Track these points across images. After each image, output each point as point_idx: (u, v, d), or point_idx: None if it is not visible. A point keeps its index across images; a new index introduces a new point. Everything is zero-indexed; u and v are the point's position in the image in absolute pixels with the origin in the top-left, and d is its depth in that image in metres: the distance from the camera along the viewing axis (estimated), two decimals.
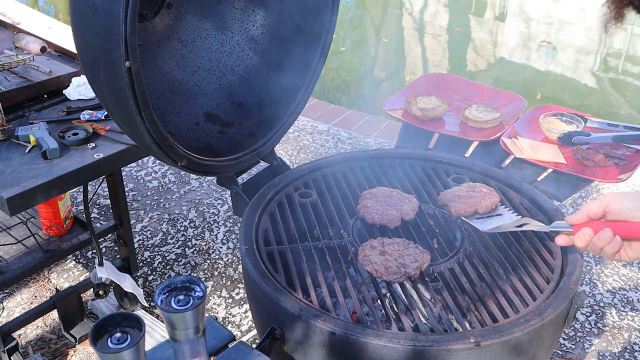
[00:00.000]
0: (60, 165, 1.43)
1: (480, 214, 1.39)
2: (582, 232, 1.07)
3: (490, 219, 1.38)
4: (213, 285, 2.31)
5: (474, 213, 1.39)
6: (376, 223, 1.40)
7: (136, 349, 0.84)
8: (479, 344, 1.08)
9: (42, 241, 1.88)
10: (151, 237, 2.55)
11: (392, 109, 1.93)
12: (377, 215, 1.41)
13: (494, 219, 1.38)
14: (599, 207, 1.06)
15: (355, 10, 7.16)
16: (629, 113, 4.54)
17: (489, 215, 1.39)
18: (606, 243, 1.03)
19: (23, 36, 1.89)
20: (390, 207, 1.43)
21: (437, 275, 1.30)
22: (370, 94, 4.93)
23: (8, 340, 1.78)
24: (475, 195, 1.43)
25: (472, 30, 6.39)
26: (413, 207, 1.45)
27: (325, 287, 1.26)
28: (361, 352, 1.11)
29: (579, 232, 1.08)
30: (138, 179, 2.94)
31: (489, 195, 1.44)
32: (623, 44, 6.01)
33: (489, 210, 1.40)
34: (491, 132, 1.79)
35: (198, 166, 1.37)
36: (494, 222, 1.36)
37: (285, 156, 3.13)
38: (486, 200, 1.42)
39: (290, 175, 1.60)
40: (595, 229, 1.06)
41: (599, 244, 1.04)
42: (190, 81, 1.57)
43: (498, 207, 1.43)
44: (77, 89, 1.73)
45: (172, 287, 0.95)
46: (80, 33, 1.11)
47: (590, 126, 1.78)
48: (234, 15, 1.60)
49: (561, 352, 2.05)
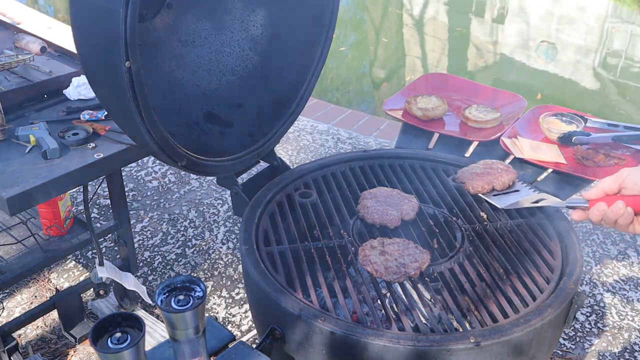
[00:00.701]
0: (60, 165, 1.43)
1: (497, 191, 1.38)
2: (596, 207, 1.09)
3: (507, 195, 1.37)
4: (213, 285, 2.31)
5: (491, 190, 1.38)
6: (376, 223, 1.40)
7: (136, 349, 0.84)
8: (479, 344, 1.08)
9: (42, 241, 1.88)
10: (151, 237, 2.55)
11: (392, 109, 1.93)
12: (377, 215, 1.41)
13: (511, 195, 1.37)
14: (615, 182, 1.08)
15: (355, 10, 7.16)
16: (629, 113, 4.54)
17: (506, 192, 1.39)
18: (619, 215, 1.06)
19: (23, 36, 1.89)
20: (390, 207, 1.43)
21: (437, 275, 1.30)
22: (370, 94, 4.93)
23: (8, 340, 1.78)
24: (493, 172, 1.42)
25: (472, 30, 6.39)
26: (413, 207, 1.45)
27: (325, 287, 1.26)
28: (361, 352, 1.11)
29: (593, 206, 1.10)
30: (138, 179, 2.94)
31: (506, 172, 1.43)
32: (623, 44, 6.01)
33: (506, 187, 1.40)
34: (491, 132, 1.79)
35: (198, 166, 1.37)
36: (511, 199, 1.34)
37: (285, 156, 3.13)
38: (503, 176, 1.41)
39: (290, 175, 1.60)
40: (610, 203, 1.08)
41: (612, 217, 1.07)
42: (190, 81, 1.57)
43: (515, 184, 1.42)
44: (77, 89, 1.73)
45: (172, 287, 0.95)
46: (80, 33, 1.11)
47: (590, 126, 1.78)
48: (234, 15, 1.60)
49: (561, 352, 2.05)
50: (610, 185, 1.09)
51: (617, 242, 2.58)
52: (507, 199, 1.36)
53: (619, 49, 5.86)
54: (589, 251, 2.52)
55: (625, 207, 1.05)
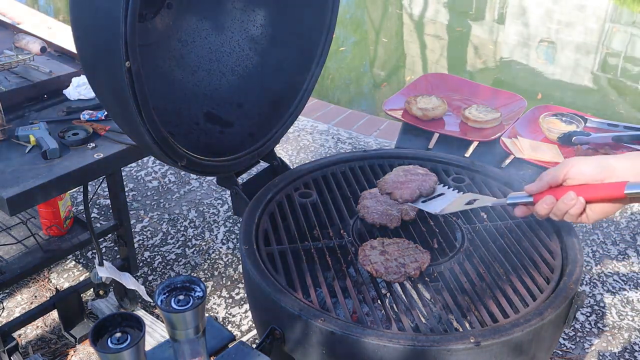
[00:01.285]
0: (60, 165, 1.43)
1: (424, 197, 1.35)
2: (544, 201, 1.09)
3: (435, 200, 1.33)
4: (213, 285, 2.31)
5: (419, 196, 1.34)
6: (376, 223, 1.40)
7: (136, 349, 0.84)
8: (479, 344, 1.08)
9: (42, 241, 1.88)
10: (151, 237, 2.55)
11: (392, 109, 1.93)
12: (377, 215, 1.41)
13: (439, 199, 1.33)
14: (560, 173, 1.07)
15: (356, 10, 7.16)
16: (629, 113, 4.54)
17: (432, 197, 1.35)
18: (571, 206, 1.05)
19: (23, 36, 1.89)
20: (390, 207, 1.43)
21: (437, 275, 1.30)
22: (370, 94, 4.93)
23: (8, 340, 1.78)
24: (415, 178, 1.39)
25: (472, 30, 6.39)
26: (412, 206, 1.44)
27: (325, 287, 1.26)
28: (361, 352, 1.11)
29: (540, 200, 1.09)
30: (138, 179, 2.94)
31: (428, 175, 1.40)
32: (622, 44, 6.01)
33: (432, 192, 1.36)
34: (491, 132, 1.79)
35: (198, 166, 1.37)
36: (441, 203, 1.31)
37: (285, 156, 3.13)
38: (427, 181, 1.37)
39: (290, 175, 1.60)
40: (557, 195, 1.07)
41: (564, 208, 1.06)
42: (190, 81, 1.57)
43: (437, 187, 1.38)
44: (77, 89, 1.73)
45: (172, 287, 0.95)
46: (80, 33, 1.11)
47: (590, 126, 1.78)
48: (234, 15, 1.60)
49: (561, 352, 2.05)
50: (555, 177, 1.08)
51: (617, 242, 2.58)
52: (437, 203, 1.32)
53: (618, 49, 5.87)
54: (589, 251, 2.52)
55: (576, 196, 1.05)
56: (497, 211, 1.48)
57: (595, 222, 1.09)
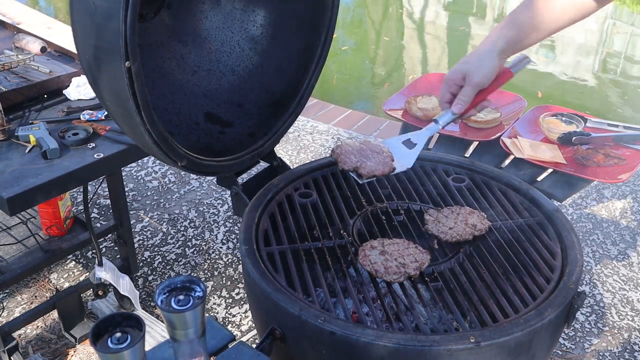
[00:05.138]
0: (60, 165, 1.43)
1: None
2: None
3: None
4: (213, 285, 2.31)
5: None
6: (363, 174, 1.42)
7: (136, 349, 0.84)
8: (479, 344, 1.08)
9: (42, 241, 1.88)
10: (151, 237, 2.55)
11: (392, 109, 1.93)
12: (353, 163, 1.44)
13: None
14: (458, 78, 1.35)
15: (356, 10, 7.16)
16: (629, 113, 4.54)
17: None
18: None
19: (23, 36, 1.89)
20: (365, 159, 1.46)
21: (437, 275, 1.30)
22: (370, 93, 4.93)
23: (8, 340, 1.78)
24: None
25: (472, 30, 6.39)
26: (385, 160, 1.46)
27: (325, 287, 1.26)
28: (361, 352, 1.11)
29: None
30: (138, 179, 2.94)
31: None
32: (622, 44, 6.01)
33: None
34: (491, 132, 1.79)
35: (198, 166, 1.37)
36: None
37: (285, 156, 3.13)
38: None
39: (290, 175, 1.60)
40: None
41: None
42: (190, 81, 1.57)
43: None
44: (77, 89, 1.73)
45: (172, 287, 0.95)
46: (80, 33, 1.11)
47: (590, 126, 1.78)
48: (234, 15, 1.60)
49: (561, 352, 2.05)
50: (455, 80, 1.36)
51: (617, 242, 2.58)
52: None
53: (618, 49, 5.86)
54: (589, 251, 2.52)
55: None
56: (497, 211, 1.48)
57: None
